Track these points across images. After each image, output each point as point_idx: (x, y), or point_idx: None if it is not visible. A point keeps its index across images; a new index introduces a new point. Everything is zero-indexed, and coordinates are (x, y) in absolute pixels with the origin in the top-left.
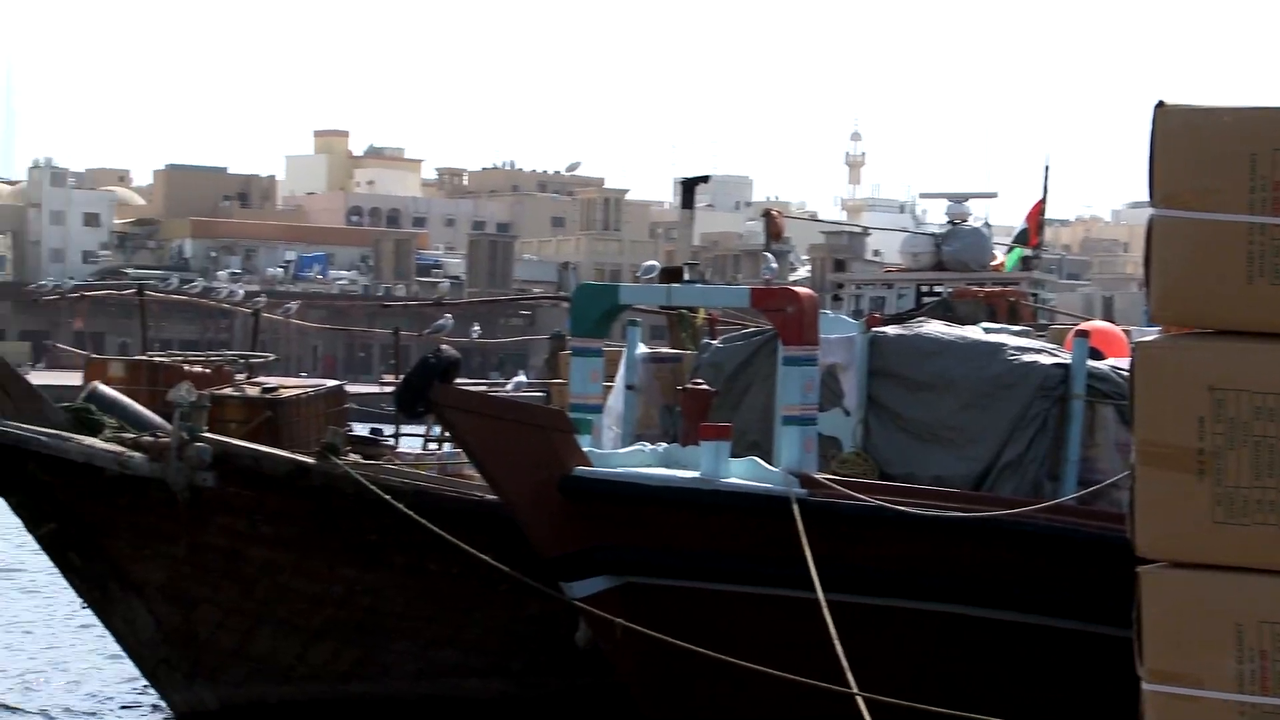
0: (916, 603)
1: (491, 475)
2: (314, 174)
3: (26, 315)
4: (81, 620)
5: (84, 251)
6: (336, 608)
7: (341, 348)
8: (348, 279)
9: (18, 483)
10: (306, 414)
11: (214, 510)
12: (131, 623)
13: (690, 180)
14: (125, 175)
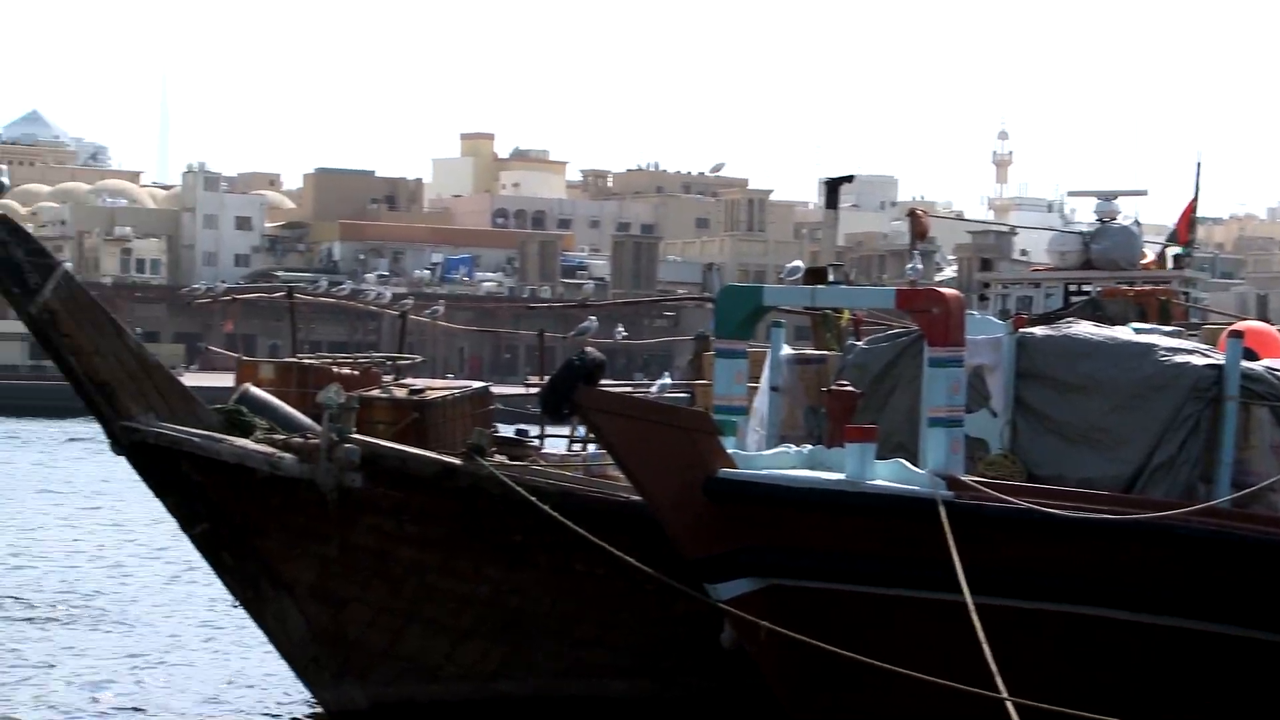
0: (1065, 606)
1: (636, 476)
2: (460, 177)
3: (180, 318)
4: (234, 618)
5: (236, 255)
6: (483, 607)
7: (487, 349)
8: (493, 281)
9: (173, 483)
10: (453, 415)
11: (362, 510)
12: (282, 621)
13: (835, 180)
14: (276, 179)
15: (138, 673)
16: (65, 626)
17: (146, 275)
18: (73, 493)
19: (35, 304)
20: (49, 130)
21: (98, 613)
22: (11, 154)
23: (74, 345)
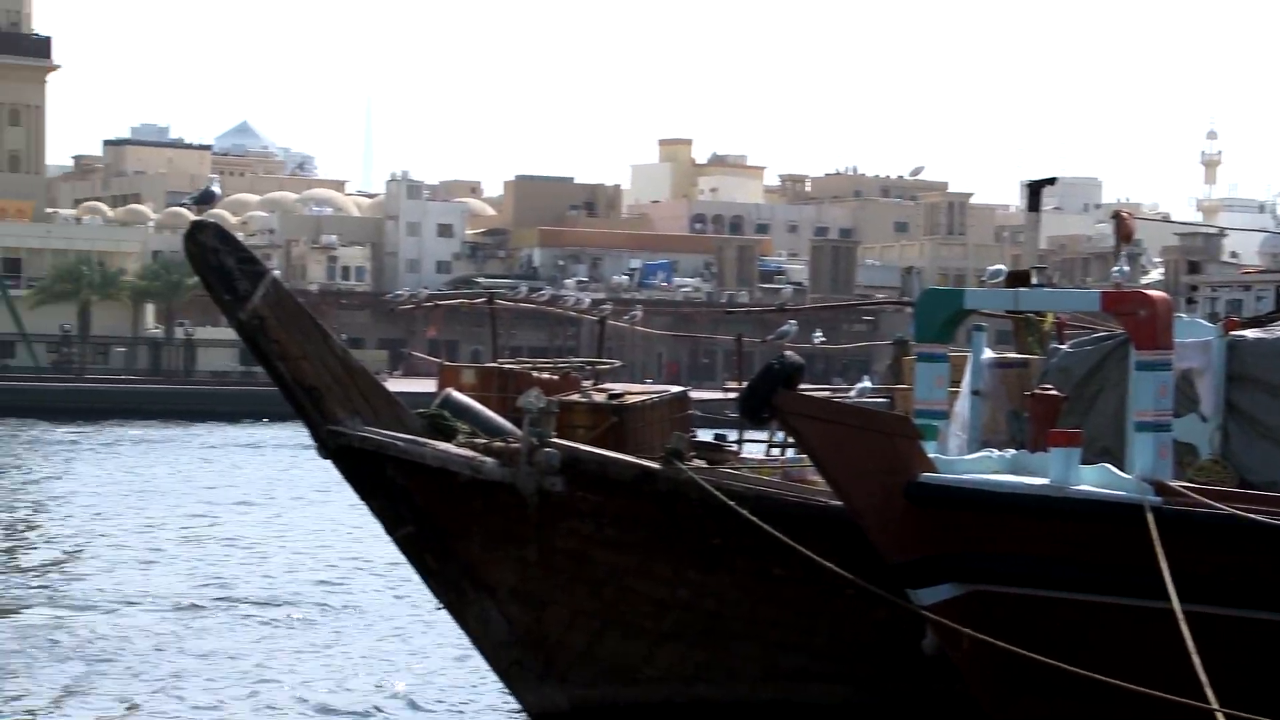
0: (1277, 615)
1: (835, 480)
2: (658, 182)
3: (384, 324)
4: (437, 620)
5: (438, 261)
6: (681, 611)
7: (685, 354)
8: (691, 286)
9: (378, 486)
10: (651, 419)
11: (562, 514)
12: (485, 624)
13: (1037, 182)
14: (477, 187)
15: (342, 674)
16: (273, 627)
17: (351, 282)
18: (280, 495)
19: (245, 310)
20: (258, 141)
21: (305, 615)
22: (223, 164)
23: (282, 351)
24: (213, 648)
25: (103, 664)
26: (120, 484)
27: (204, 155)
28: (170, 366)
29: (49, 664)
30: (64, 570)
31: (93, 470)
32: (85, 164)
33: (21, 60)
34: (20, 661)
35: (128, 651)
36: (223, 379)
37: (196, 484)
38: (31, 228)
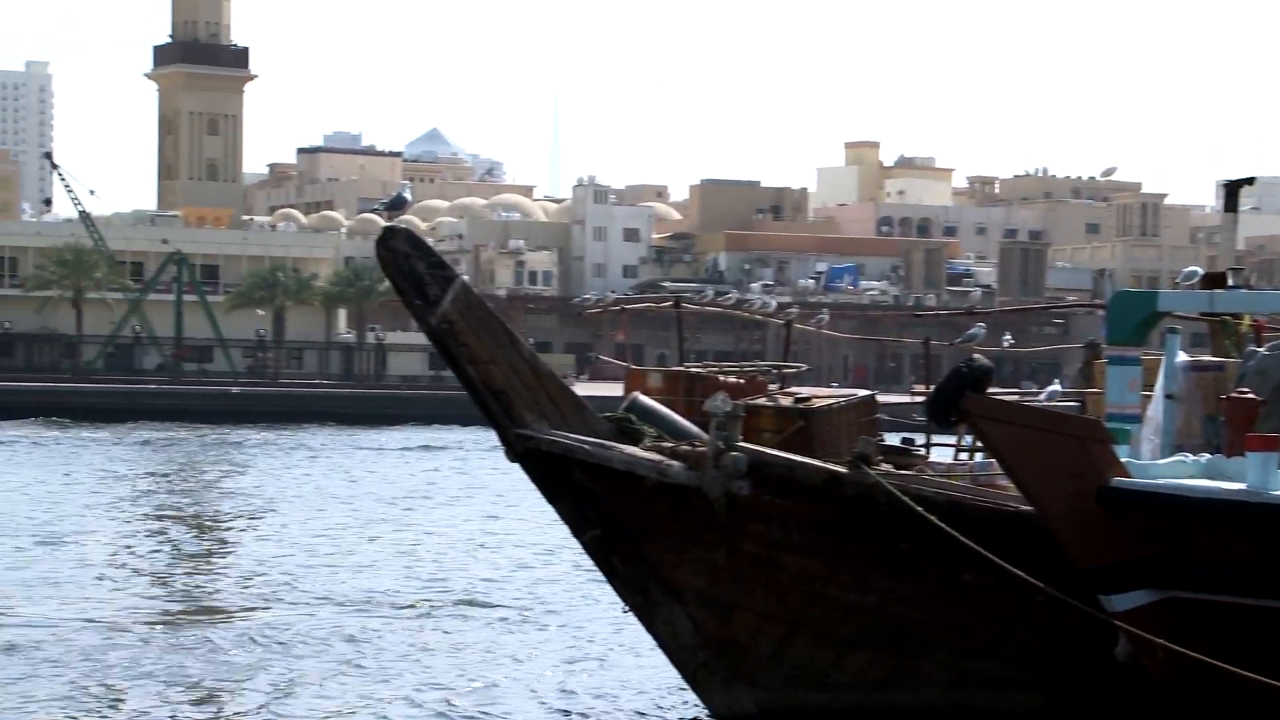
0: None
1: (1025, 485)
2: (845, 185)
3: (571, 328)
4: (625, 622)
5: (624, 266)
6: (870, 616)
7: (872, 357)
8: (878, 289)
9: (565, 489)
10: (838, 423)
11: (749, 518)
12: (672, 627)
13: (1234, 182)
14: (663, 191)
15: (530, 675)
16: (467, 628)
17: (539, 287)
18: (472, 497)
19: (435, 315)
20: (448, 148)
21: (499, 616)
22: (414, 171)
23: (471, 355)
24: (407, 646)
25: (316, 660)
26: (320, 487)
27: (395, 162)
28: (361, 371)
29: (273, 662)
30: (276, 571)
31: (292, 473)
32: (280, 171)
33: (220, 71)
34: (244, 660)
35: (335, 649)
36: (412, 383)
37: (391, 487)
38: (229, 234)
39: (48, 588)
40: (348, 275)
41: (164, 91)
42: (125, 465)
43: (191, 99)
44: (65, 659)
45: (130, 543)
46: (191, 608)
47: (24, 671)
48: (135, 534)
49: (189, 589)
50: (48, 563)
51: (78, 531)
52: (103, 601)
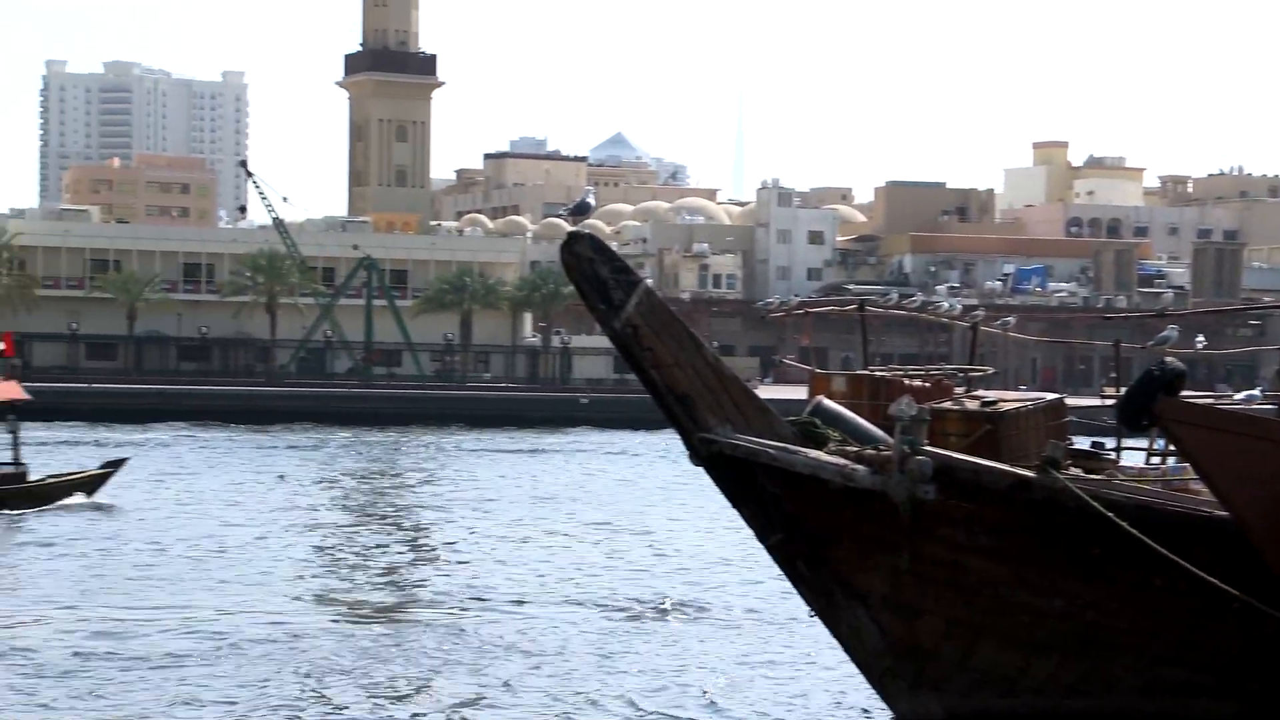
0: None
1: (1220, 490)
2: (1032, 186)
3: (755, 332)
4: (810, 626)
5: (808, 268)
6: (1058, 622)
7: (1061, 360)
8: (1067, 291)
9: (749, 493)
10: (1026, 427)
11: (935, 522)
12: (857, 631)
13: None
14: (847, 193)
15: (712, 677)
16: (645, 627)
17: (722, 290)
18: (659, 500)
19: (619, 319)
20: (632, 152)
21: (678, 618)
22: (598, 175)
23: (655, 358)
24: (594, 647)
25: (507, 660)
26: (509, 490)
27: (580, 167)
28: (547, 374)
29: (467, 663)
30: (471, 573)
31: (482, 476)
32: (467, 177)
33: (409, 78)
34: (436, 659)
35: (537, 648)
36: (597, 386)
37: (578, 490)
38: (417, 240)
39: (254, 587)
40: (533, 279)
41: (354, 99)
42: (321, 468)
43: (381, 106)
44: (279, 655)
45: (327, 544)
46: (388, 607)
47: (234, 666)
48: (332, 536)
49: (387, 589)
50: (254, 563)
51: (279, 532)
52: (305, 601)
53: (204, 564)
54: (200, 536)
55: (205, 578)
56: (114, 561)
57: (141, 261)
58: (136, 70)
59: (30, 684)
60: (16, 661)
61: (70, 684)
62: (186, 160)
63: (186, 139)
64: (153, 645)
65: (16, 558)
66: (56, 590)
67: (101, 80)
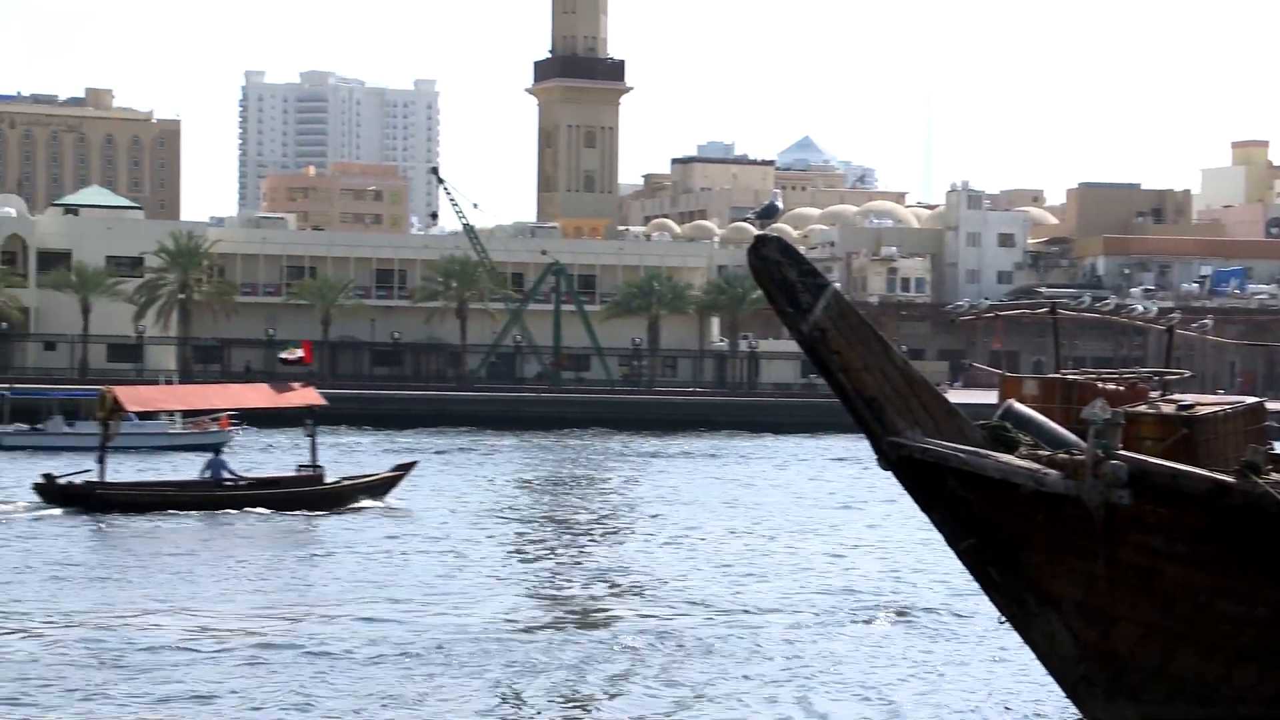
0: None
1: None
2: (1231, 186)
3: (944, 335)
4: (1000, 632)
5: (998, 271)
6: (1260, 630)
7: (1261, 363)
8: (1267, 293)
9: (939, 498)
10: (1223, 432)
11: (1129, 528)
12: (1050, 638)
13: None
14: (1039, 195)
15: (902, 682)
16: (837, 632)
17: (911, 294)
18: (848, 505)
19: (807, 322)
20: (819, 155)
21: (876, 622)
22: (785, 179)
23: (843, 362)
24: (789, 653)
25: (707, 664)
26: (701, 494)
27: (767, 171)
28: (734, 379)
29: (666, 666)
30: (668, 576)
31: (674, 480)
32: (654, 182)
33: (597, 84)
34: (635, 662)
35: (731, 649)
36: (785, 390)
37: (770, 493)
38: (605, 245)
39: (456, 592)
40: (720, 284)
41: (543, 105)
42: (517, 471)
43: (570, 112)
44: (474, 659)
45: (526, 547)
46: (586, 611)
47: (435, 669)
48: (537, 538)
49: (585, 592)
50: (454, 564)
51: (479, 536)
52: (507, 604)
53: (454, 565)
54: (462, 540)
55: (446, 578)
56: (403, 563)
57: (336, 268)
58: (332, 80)
59: (326, 675)
60: (311, 654)
61: (359, 677)
62: (380, 168)
63: (380, 147)
64: (396, 641)
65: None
66: (340, 588)
67: (298, 90)
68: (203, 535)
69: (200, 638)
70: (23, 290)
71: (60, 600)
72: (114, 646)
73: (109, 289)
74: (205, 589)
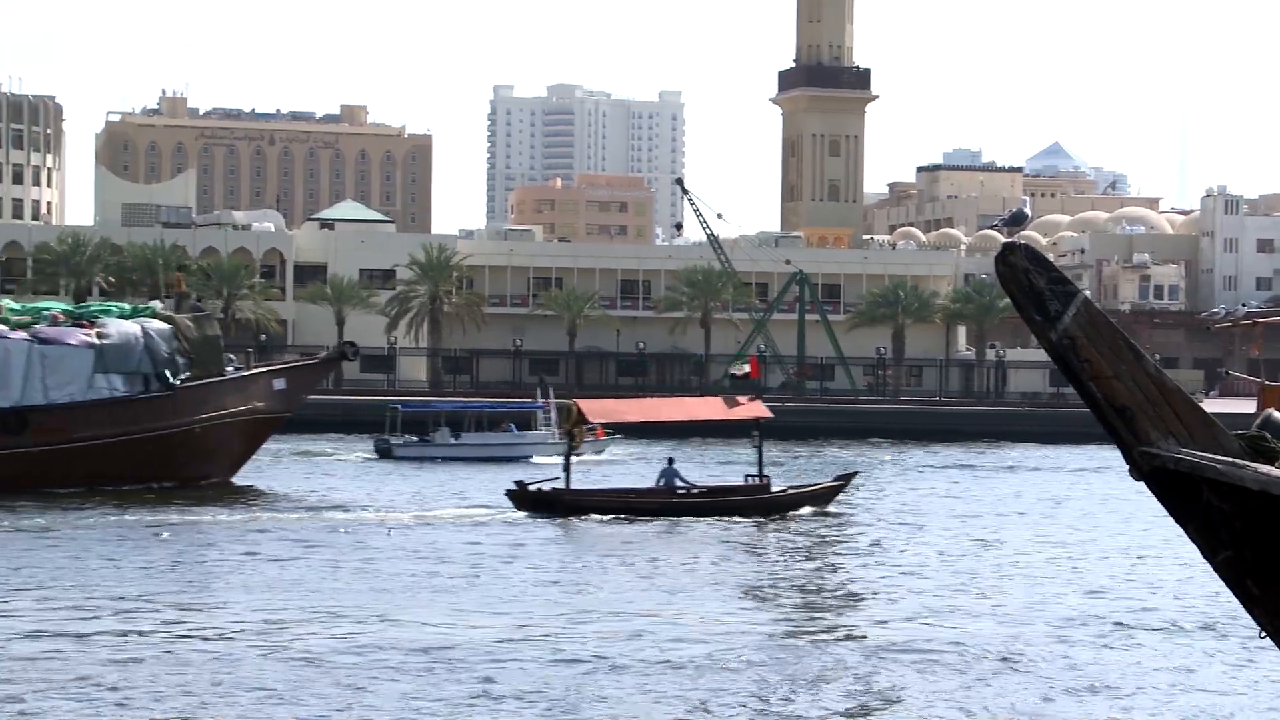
0: None
1: None
2: None
3: (1199, 344)
4: (1263, 648)
5: (1257, 278)
6: None
7: None
8: None
9: (1194, 510)
10: None
11: None
12: None
13: None
14: None
15: (1162, 692)
16: (1090, 642)
17: (1164, 301)
18: (1096, 514)
19: (1056, 330)
20: (1069, 161)
21: (1136, 635)
22: (1034, 186)
23: (1094, 371)
24: (1053, 661)
25: (995, 671)
26: (953, 504)
27: (1015, 177)
28: (981, 388)
29: (925, 675)
30: (931, 585)
31: (925, 489)
32: (900, 190)
33: (842, 93)
34: (890, 674)
35: (1015, 660)
36: (1032, 400)
37: (1021, 504)
38: (849, 254)
39: (703, 601)
40: (967, 292)
41: (787, 115)
42: None
43: (814, 121)
44: (735, 666)
45: (776, 557)
46: (849, 623)
47: (697, 681)
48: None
49: (838, 604)
50: (670, 576)
51: None
52: (766, 613)
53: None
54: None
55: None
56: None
57: (582, 279)
58: (578, 93)
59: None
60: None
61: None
62: (625, 179)
63: (625, 158)
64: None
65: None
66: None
67: (545, 103)
68: (666, 538)
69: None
70: (280, 303)
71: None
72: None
73: (362, 301)
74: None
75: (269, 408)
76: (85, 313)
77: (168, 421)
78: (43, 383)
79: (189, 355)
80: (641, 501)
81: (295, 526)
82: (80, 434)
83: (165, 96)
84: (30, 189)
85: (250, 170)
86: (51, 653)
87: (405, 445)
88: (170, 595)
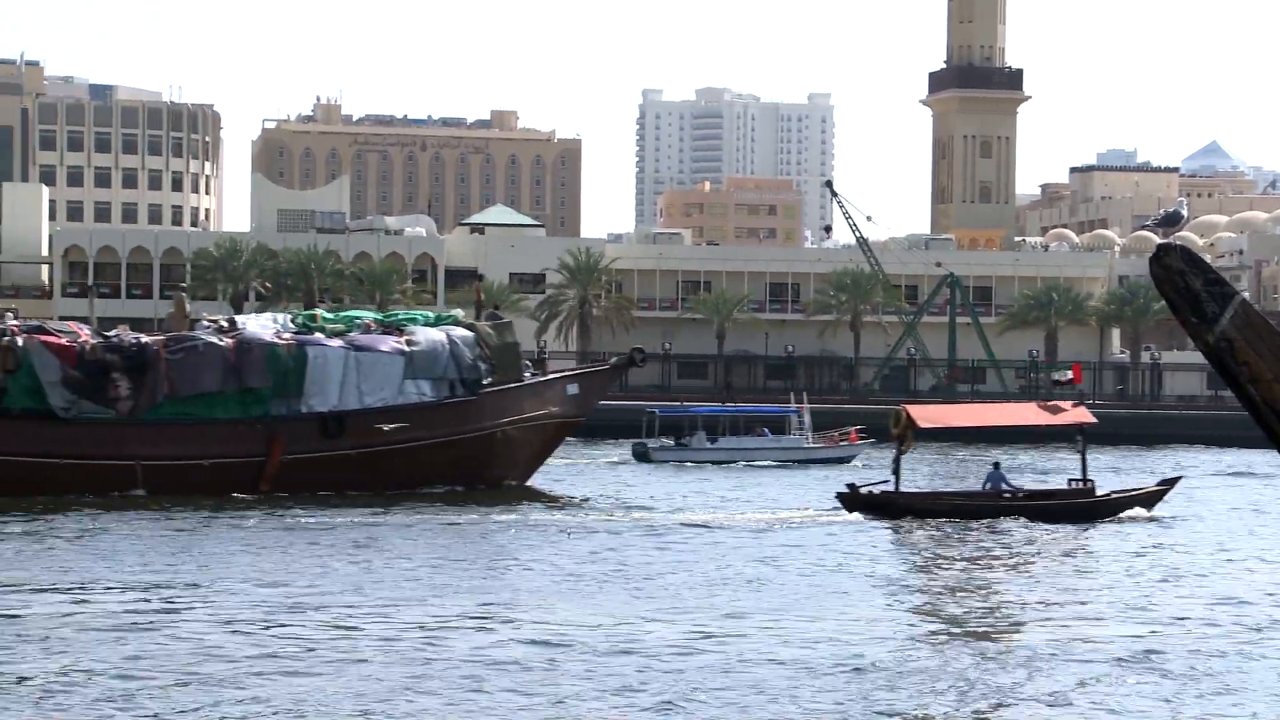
0: None
1: None
2: None
3: None
4: None
5: None
6: None
7: None
8: None
9: None
10: None
11: None
12: None
13: None
14: None
15: None
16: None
17: None
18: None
19: (1213, 333)
20: (1227, 160)
21: None
22: (1191, 186)
23: (1252, 373)
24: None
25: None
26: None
27: (1171, 178)
28: (1136, 391)
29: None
30: (1132, 585)
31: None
32: (1053, 191)
33: (994, 93)
34: (1040, 679)
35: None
36: (1189, 403)
37: (1180, 510)
38: (1000, 256)
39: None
40: (1122, 294)
41: (938, 116)
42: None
43: (965, 122)
44: (856, 668)
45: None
46: (1004, 629)
47: (827, 683)
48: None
49: (967, 610)
50: (835, 577)
51: None
52: (888, 617)
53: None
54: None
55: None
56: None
57: (730, 282)
58: (727, 96)
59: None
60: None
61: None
62: (774, 182)
63: (774, 161)
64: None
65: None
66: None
67: (694, 107)
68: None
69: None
70: (432, 308)
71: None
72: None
73: (513, 305)
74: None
75: (564, 412)
76: (394, 321)
77: (472, 425)
78: (358, 388)
79: (490, 361)
80: (968, 504)
81: (638, 527)
82: (392, 438)
83: (320, 104)
84: (189, 196)
85: (402, 176)
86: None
87: (662, 449)
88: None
